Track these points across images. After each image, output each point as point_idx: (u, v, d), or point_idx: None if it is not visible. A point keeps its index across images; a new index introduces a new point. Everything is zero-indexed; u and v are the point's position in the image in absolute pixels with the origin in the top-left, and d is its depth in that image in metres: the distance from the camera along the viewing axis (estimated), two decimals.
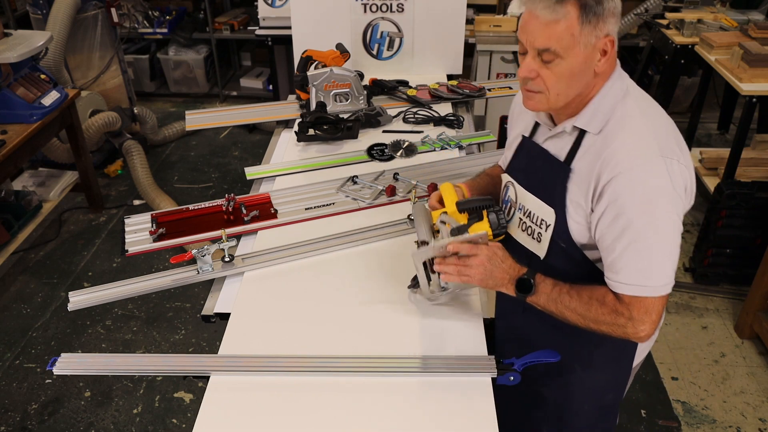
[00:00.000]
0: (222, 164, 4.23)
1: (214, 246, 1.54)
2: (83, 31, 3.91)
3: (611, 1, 1.09)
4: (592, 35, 1.09)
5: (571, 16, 1.07)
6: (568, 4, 1.07)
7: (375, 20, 2.75)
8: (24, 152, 2.95)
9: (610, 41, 1.11)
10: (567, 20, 1.07)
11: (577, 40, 1.09)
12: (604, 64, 1.13)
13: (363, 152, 2.12)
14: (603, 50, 1.12)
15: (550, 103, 1.17)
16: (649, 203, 1.09)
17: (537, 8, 1.09)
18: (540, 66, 1.13)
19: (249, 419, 1.18)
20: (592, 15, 1.07)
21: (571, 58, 1.10)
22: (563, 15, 1.07)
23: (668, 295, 1.15)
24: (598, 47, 1.11)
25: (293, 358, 1.29)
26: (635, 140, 1.11)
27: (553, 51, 1.10)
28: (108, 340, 2.77)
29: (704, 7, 3.94)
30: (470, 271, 1.23)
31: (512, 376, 1.26)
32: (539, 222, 1.26)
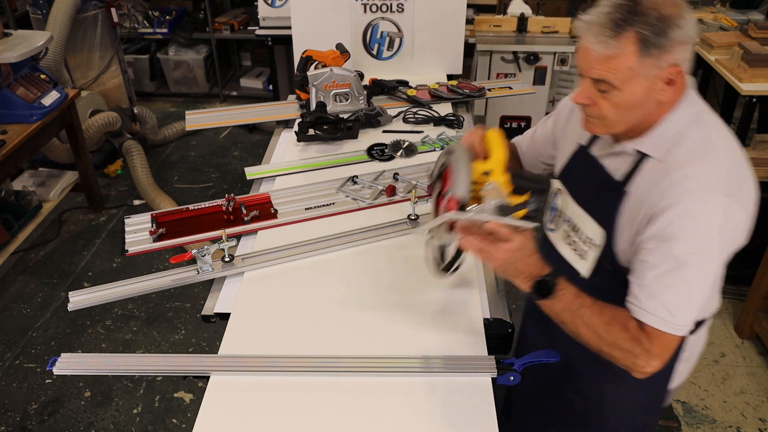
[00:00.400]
0: (222, 164, 4.23)
1: (214, 246, 1.54)
2: (83, 31, 3.91)
3: (678, 29, 1.01)
4: (654, 67, 1.03)
5: (628, 50, 1.02)
6: (625, 38, 1.01)
7: (375, 20, 2.75)
8: (24, 152, 2.95)
9: (677, 71, 1.05)
10: (624, 55, 1.02)
11: (635, 72, 1.03)
12: (670, 94, 1.08)
13: (363, 152, 2.12)
14: (668, 80, 1.06)
15: (608, 129, 1.14)
16: (703, 241, 1.05)
17: (591, 42, 1.04)
18: (596, 94, 1.09)
19: (249, 419, 1.18)
20: (653, 47, 1.01)
21: (628, 90, 1.06)
22: (619, 50, 1.02)
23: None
24: (662, 77, 1.05)
25: (293, 358, 1.29)
26: (701, 174, 1.06)
27: (609, 83, 1.06)
28: (108, 340, 2.77)
29: (704, 7, 3.94)
30: (495, 254, 1.10)
31: (512, 376, 1.26)
32: (585, 239, 1.24)
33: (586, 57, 1.07)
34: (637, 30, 1.01)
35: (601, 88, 1.08)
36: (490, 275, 1.55)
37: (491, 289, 1.50)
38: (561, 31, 3.68)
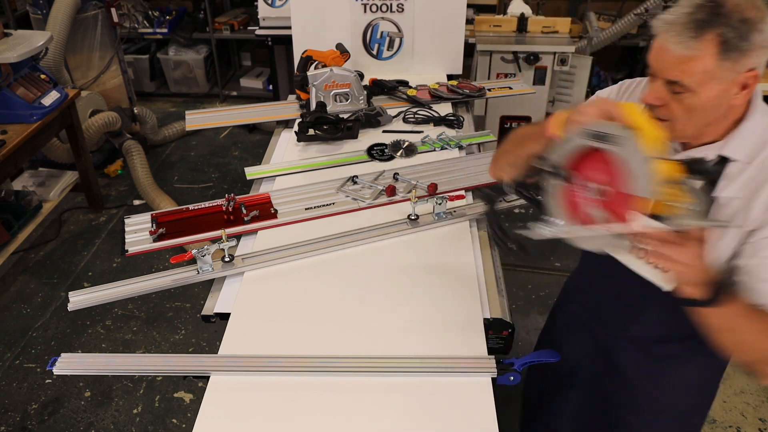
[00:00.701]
0: (222, 164, 4.23)
1: (214, 246, 1.54)
2: (83, 31, 3.91)
3: (759, 33, 0.99)
4: (732, 71, 1.01)
5: (708, 53, 0.99)
6: (706, 40, 0.98)
7: (375, 20, 2.75)
8: (24, 152, 2.95)
9: (753, 75, 1.03)
10: (703, 57, 0.99)
11: (712, 75, 1.01)
12: (742, 98, 1.06)
13: (363, 152, 2.12)
14: (743, 84, 1.03)
15: (676, 134, 1.11)
16: None
17: (669, 42, 1.01)
18: (669, 96, 1.06)
19: (249, 419, 1.18)
20: (734, 51, 0.98)
21: (703, 94, 1.03)
22: (699, 51, 0.99)
23: None
24: (738, 82, 1.03)
25: (293, 358, 1.29)
26: None
27: (685, 85, 1.03)
28: (108, 340, 2.77)
29: None
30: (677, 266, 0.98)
31: (512, 376, 1.26)
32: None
33: (663, 57, 1.04)
34: (719, 32, 0.98)
35: (674, 89, 1.05)
36: (491, 275, 1.55)
37: (491, 289, 1.50)
38: (561, 31, 3.68)
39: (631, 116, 0.97)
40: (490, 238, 1.54)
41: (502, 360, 1.27)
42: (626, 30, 4.36)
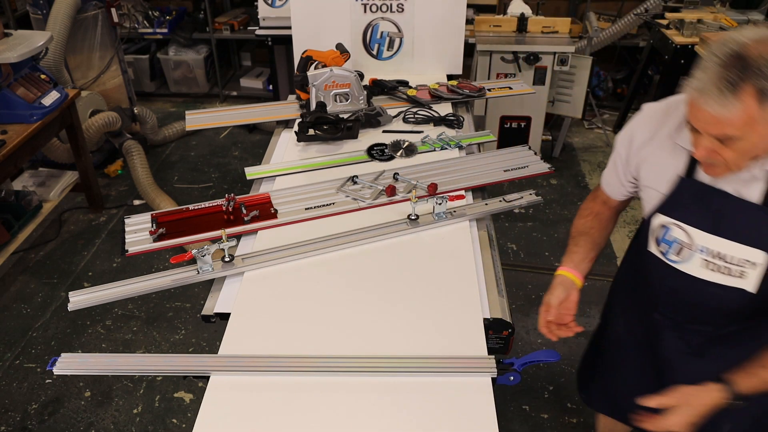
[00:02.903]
0: (222, 164, 4.23)
1: (214, 246, 1.54)
2: (83, 31, 3.91)
3: None
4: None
5: (748, 105, 1.02)
6: (744, 95, 1.02)
7: (375, 20, 2.75)
8: (24, 152, 2.95)
9: None
10: (745, 110, 1.03)
11: (757, 120, 1.04)
12: None
13: (363, 152, 2.12)
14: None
15: (733, 170, 1.16)
16: None
17: (708, 104, 1.04)
18: (718, 146, 1.10)
19: (249, 419, 1.18)
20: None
21: (753, 137, 1.06)
22: (740, 108, 1.02)
23: None
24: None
25: (293, 358, 1.29)
26: None
27: (731, 137, 1.07)
28: (108, 340, 2.77)
29: (704, 7, 3.94)
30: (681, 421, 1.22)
31: (512, 376, 1.26)
32: (740, 262, 1.25)
33: (704, 118, 1.07)
34: (753, 83, 1.01)
35: (725, 142, 1.09)
36: (490, 275, 1.55)
37: (491, 289, 1.50)
38: (561, 31, 3.68)
39: None
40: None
41: (502, 360, 1.27)
42: (626, 30, 4.36)
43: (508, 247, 3.30)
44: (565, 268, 1.46)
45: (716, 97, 1.03)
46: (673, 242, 1.34)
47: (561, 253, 1.55)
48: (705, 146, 1.12)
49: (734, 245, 1.24)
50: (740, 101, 1.02)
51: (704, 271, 1.32)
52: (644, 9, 4.20)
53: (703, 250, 1.29)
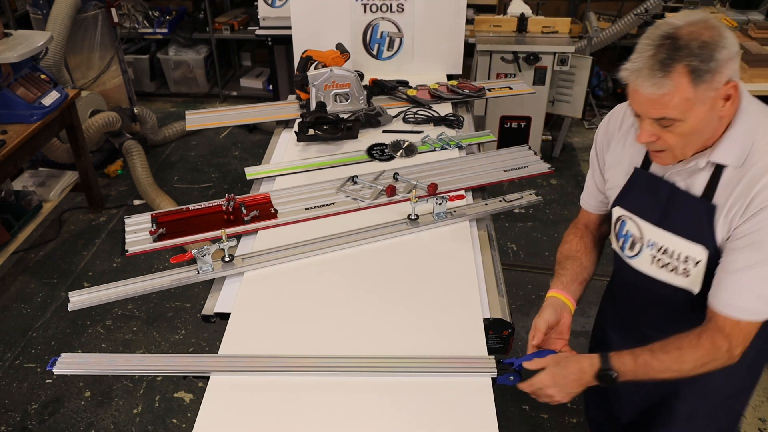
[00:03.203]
0: (222, 164, 4.23)
1: (214, 246, 1.54)
2: (83, 31, 3.91)
3: (723, 49, 1.04)
4: (710, 90, 1.05)
5: (682, 84, 1.04)
6: (676, 74, 1.03)
7: (375, 20, 2.75)
8: (24, 152, 2.95)
9: (732, 86, 1.08)
10: (679, 90, 1.04)
11: (693, 101, 1.05)
12: (729, 108, 1.10)
13: (363, 152, 2.12)
14: (726, 96, 1.08)
15: (678, 158, 1.17)
16: None
17: (642, 86, 1.06)
18: (660, 130, 1.12)
19: (249, 419, 1.18)
20: (705, 74, 1.03)
21: (691, 119, 1.08)
22: (674, 87, 1.04)
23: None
24: (720, 96, 1.08)
25: (293, 358, 1.29)
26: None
27: (671, 118, 1.08)
28: (108, 340, 2.77)
29: (704, 7, 3.94)
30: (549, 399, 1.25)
31: (512, 376, 1.26)
32: (684, 259, 1.24)
33: (642, 101, 1.09)
34: (685, 63, 1.03)
35: (663, 123, 1.10)
36: (490, 275, 1.55)
37: (491, 289, 1.50)
38: (561, 31, 3.68)
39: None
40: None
41: (502, 360, 1.27)
42: (626, 30, 4.36)
43: (508, 247, 3.30)
44: (554, 290, 1.40)
45: (649, 77, 1.05)
46: (627, 236, 1.34)
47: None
48: (646, 130, 1.13)
49: (677, 240, 1.23)
50: (672, 81, 1.03)
51: (652, 267, 1.31)
52: (644, 9, 4.20)
53: (651, 244, 1.29)
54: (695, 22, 1.05)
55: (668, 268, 1.28)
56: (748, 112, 1.15)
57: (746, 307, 1.14)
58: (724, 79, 1.06)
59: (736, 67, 1.08)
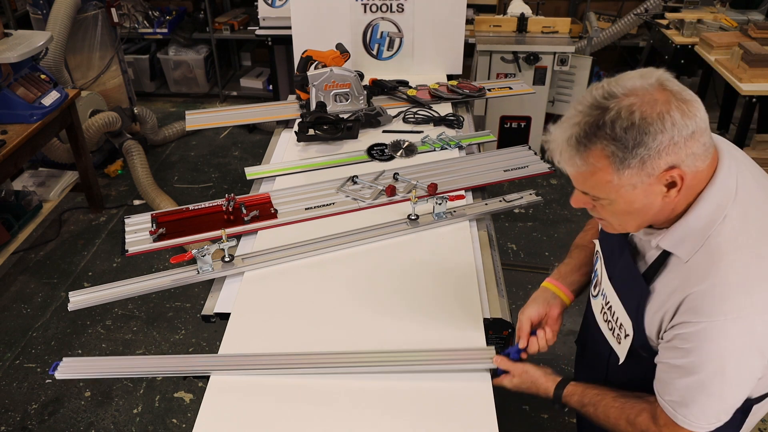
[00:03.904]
0: (222, 164, 4.23)
1: (214, 246, 1.54)
2: (83, 31, 3.91)
3: (660, 134, 0.88)
4: (640, 176, 0.91)
5: (600, 168, 0.91)
6: (592, 156, 0.91)
7: (375, 20, 2.75)
8: (24, 152, 2.95)
9: (678, 174, 0.91)
10: (596, 172, 0.92)
11: (618, 185, 0.92)
12: (676, 196, 0.94)
13: (363, 152, 2.12)
14: (668, 183, 0.92)
15: (618, 230, 1.06)
16: (722, 360, 0.96)
17: (558, 162, 0.96)
18: (591, 201, 1.00)
19: (249, 419, 1.18)
20: (632, 159, 0.89)
21: (619, 200, 0.95)
22: (588, 168, 0.92)
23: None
24: (658, 182, 0.92)
25: (293, 355, 1.29)
26: (723, 289, 0.94)
27: (594, 195, 0.97)
28: (108, 340, 2.77)
29: (704, 7, 3.94)
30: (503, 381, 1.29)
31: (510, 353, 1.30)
32: (618, 323, 1.16)
33: (567, 169, 0.97)
34: (602, 146, 0.90)
35: (592, 198, 0.99)
36: (490, 275, 1.55)
37: (491, 289, 1.50)
38: (561, 31, 3.68)
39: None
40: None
41: (499, 352, 1.29)
42: (626, 30, 4.36)
43: (508, 247, 3.30)
44: (549, 280, 1.36)
45: (564, 151, 0.94)
46: (595, 273, 1.28)
47: (561, 253, 1.54)
48: (576, 200, 1.02)
49: (619, 305, 1.14)
50: (587, 162, 0.92)
51: (600, 317, 1.26)
52: (644, 9, 4.20)
53: (603, 294, 1.22)
54: (639, 90, 0.89)
55: (609, 325, 1.21)
56: (714, 202, 0.96)
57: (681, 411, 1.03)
58: (663, 166, 0.90)
59: (687, 152, 0.90)
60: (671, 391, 1.05)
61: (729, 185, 0.97)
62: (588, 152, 0.91)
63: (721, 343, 0.95)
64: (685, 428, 1.04)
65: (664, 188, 0.93)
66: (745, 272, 0.94)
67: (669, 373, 1.04)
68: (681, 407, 1.04)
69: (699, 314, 0.96)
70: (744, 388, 1.02)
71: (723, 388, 0.99)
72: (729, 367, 0.97)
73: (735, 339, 0.95)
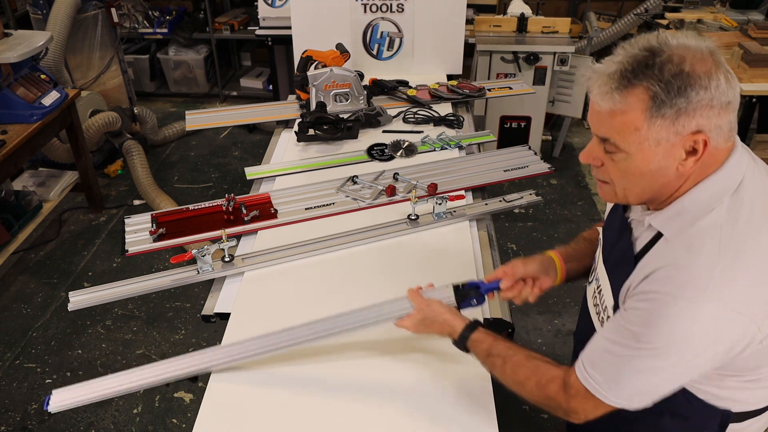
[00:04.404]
0: (222, 164, 4.23)
1: (214, 246, 1.55)
2: (83, 31, 3.91)
3: (703, 91, 0.86)
4: (669, 131, 0.89)
5: (635, 108, 0.89)
6: (632, 94, 0.88)
7: (375, 20, 2.75)
8: (24, 152, 2.95)
9: (702, 140, 0.89)
10: (630, 111, 0.89)
11: (644, 135, 0.90)
12: (692, 166, 0.92)
13: (363, 152, 2.12)
14: (690, 148, 0.90)
15: (618, 198, 1.02)
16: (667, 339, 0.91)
17: (593, 92, 0.93)
18: (604, 155, 0.97)
19: (249, 419, 1.18)
20: (668, 108, 0.87)
21: (637, 156, 0.92)
22: (625, 106, 0.89)
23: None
24: (681, 145, 0.90)
25: (298, 327, 1.28)
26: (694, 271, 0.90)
27: (615, 143, 0.93)
28: (108, 340, 2.77)
29: (704, 7, 3.94)
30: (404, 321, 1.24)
31: (475, 300, 1.27)
32: (604, 306, 1.13)
33: (592, 111, 0.95)
34: (647, 85, 0.88)
35: (607, 148, 0.96)
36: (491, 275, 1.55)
37: None
38: (561, 31, 3.68)
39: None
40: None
41: (463, 285, 1.27)
42: (626, 30, 4.36)
43: (508, 247, 3.30)
44: (555, 253, 1.32)
45: (603, 84, 0.91)
46: (594, 260, 1.25)
47: None
48: (590, 149, 0.99)
49: (607, 283, 1.11)
50: (625, 99, 0.89)
51: (590, 302, 1.22)
52: (644, 9, 4.20)
53: (596, 278, 1.19)
54: (692, 47, 0.89)
55: (596, 310, 1.18)
56: (714, 189, 0.94)
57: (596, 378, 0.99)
58: (693, 127, 0.88)
59: (718, 121, 0.89)
60: (597, 358, 1.00)
61: (734, 177, 0.95)
62: (630, 88, 0.89)
63: (672, 320, 0.90)
64: (597, 398, 0.99)
65: (684, 154, 0.91)
66: (720, 262, 0.90)
67: (605, 338, 1.00)
68: (600, 376, 0.99)
69: (660, 285, 0.93)
70: (677, 375, 0.97)
71: (656, 366, 0.94)
72: (670, 348, 0.92)
73: (687, 321, 0.90)
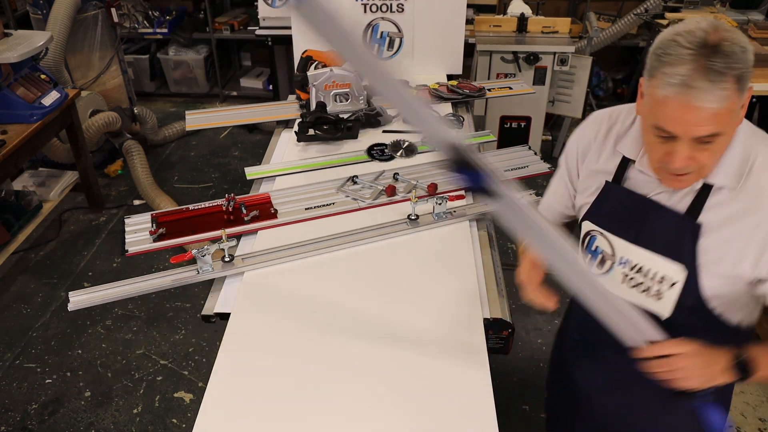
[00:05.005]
0: (222, 164, 4.23)
1: (214, 246, 1.54)
2: (83, 31, 3.91)
3: (750, 54, 0.98)
4: (743, 96, 0.99)
5: (732, 95, 0.96)
6: (727, 82, 0.95)
7: (375, 20, 2.75)
8: (24, 152, 2.95)
9: (750, 93, 1.01)
10: (731, 101, 0.97)
11: (735, 111, 0.99)
12: (737, 123, 1.05)
13: (363, 152, 2.12)
14: (743, 104, 1.02)
15: (700, 178, 1.09)
16: None
17: (703, 100, 0.95)
18: (696, 150, 1.02)
19: (249, 419, 1.18)
20: (746, 81, 0.98)
21: (729, 131, 1.02)
22: (726, 97, 0.96)
23: None
24: (743, 104, 1.01)
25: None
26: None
27: (717, 133, 0.99)
28: (108, 340, 2.77)
29: (704, 7, 3.95)
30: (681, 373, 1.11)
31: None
32: (659, 279, 1.17)
33: (693, 118, 0.97)
34: (736, 72, 0.95)
35: (704, 140, 1.00)
36: (490, 275, 1.55)
37: (491, 289, 1.50)
38: (561, 31, 3.68)
39: None
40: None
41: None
42: (626, 30, 4.36)
43: (508, 247, 3.30)
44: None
45: (709, 89, 0.94)
46: (597, 252, 1.27)
47: None
48: (684, 153, 1.02)
49: (654, 257, 1.16)
50: (727, 92, 0.95)
51: (623, 287, 1.24)
52: (644, 9, 4.20)
53: (623, 261, 1.22)
54: (717, 26, 0.98)
55: (640, 288, 1.21)
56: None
57: None
58: (749, 86, 1.00)
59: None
60: None
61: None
62: (724, 79, 0.95)
63: None
64: None
65: (742, 110, 1.02)
66: None
67: None
68: None
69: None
70: None
71: None
72: None
73: None
